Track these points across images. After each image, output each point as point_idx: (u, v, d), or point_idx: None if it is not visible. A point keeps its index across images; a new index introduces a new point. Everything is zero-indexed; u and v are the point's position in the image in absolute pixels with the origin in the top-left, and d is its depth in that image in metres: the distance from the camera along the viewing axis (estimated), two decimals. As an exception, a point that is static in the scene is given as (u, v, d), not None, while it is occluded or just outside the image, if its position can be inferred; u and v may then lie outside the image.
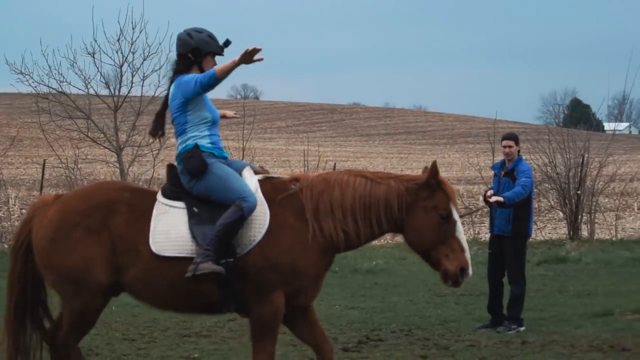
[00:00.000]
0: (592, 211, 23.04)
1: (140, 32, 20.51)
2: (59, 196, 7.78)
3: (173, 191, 7.55)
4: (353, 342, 10.75)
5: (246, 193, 7.31)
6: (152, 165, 21.14)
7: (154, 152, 20.49)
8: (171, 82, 7.67)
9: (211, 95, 7.64)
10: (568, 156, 23.04)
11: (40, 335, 7.65)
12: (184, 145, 7.55)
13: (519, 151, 12.04)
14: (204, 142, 7.52)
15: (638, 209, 32.15)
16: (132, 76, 20.78)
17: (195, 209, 7.42)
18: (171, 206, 7.49)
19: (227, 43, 7.67)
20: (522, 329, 11.65)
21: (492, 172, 12.47)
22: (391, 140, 79.57)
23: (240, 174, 7.51)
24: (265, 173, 7.74)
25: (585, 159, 23.09)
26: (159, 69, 20.50)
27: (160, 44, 20.31)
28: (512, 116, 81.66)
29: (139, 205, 7.49)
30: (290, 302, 7.36)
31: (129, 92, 21.14)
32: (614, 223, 24.61)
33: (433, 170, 7.36)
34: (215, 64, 7.60)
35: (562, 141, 23.26)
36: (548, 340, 10.84)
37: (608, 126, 47.13)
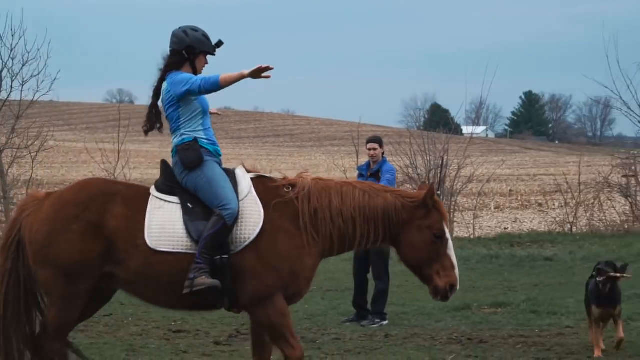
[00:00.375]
0: (451, 210, 23.66)
1: (19, 39, 20.76)
2: (50, 193, 7.74)
3: (167, 185, 7.59)
4: (224, 335, 11.00)
5: (227, 200, 7.38)
6: (30, 166, 21.54)
7: (32, 154, 21.05)
8: (163, 75, 7.71)
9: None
10: (428, 158, 23.61)
11: (29, 337, 7.49)
12: (180, 138, 7.62)
13: (383, 153, 12.50)
14: (201, 137, 7.62)
15: (495, 209, 33.30)
16: (12, 81, 20.97)
17: (189, 205, 7.48)
18: (166, 201, 7.53)
19: (220, 44, 7.79)
20: (386, 322, 12.05)
21: (357, 173, 12.85)
22: (260, 143, 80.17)
23: (234, 173, 7.62)
24: (256, 172, 7.79)
25: (444, 161, 23.62)
26: (38, 74, 20.81)
27: (39, 50, 20.61)
28: (376, 120, 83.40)
29: (133, 198, 7.51)
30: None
31: (8, 97, 21.31)
32: (471, 222, 25.41)
33: (430, 191, 7.57)
34: (207, 63, 7.77)
35: (422, 144, 23.80)
36: (410, 334, 11.24)
37: (466, 130, 48.37)
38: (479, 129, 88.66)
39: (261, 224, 7.39)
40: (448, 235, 7.63)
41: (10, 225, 7.73)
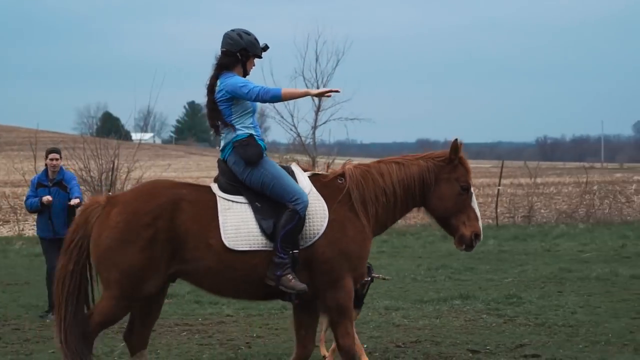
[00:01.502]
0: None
1: None
2: (111, 197, 7.80)
3: (231, 185, 7.75)
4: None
5: (298, 194, 7.64)
6: None
7: None
8: (217, 74, 7.88)
9: None
10: (101, 162, 24.44)
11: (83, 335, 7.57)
12: (235, 134, 7.78)
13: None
14: (254, 133, 7.81)
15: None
16: None
17: (257, 204, 7.67)
18: (233, 201, 7.71)
19: (266, 48, 7.99)
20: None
21: (36, 183, 12.97)
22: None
23: (292, 171, 7.87)
24: (311, 170, 8.13)
25: (115, 164, 24.51)
26: None
27: None
28: (52, 127, 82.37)
29: (199, 200, 7.63)
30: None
31: None
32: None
33: (454, 148, 8.08)
34: (254, 65, 7.98)
35: (95, 149, 24.56)
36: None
37: (135, 136, 49.21)
38: (147, 136, 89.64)
39: (327, 218, 7.68)
40: (472, 189, 8.18)
41: (74, 228, 7.75)
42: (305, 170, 8.05)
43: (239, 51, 7.89)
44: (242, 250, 7.53)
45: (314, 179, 7.94)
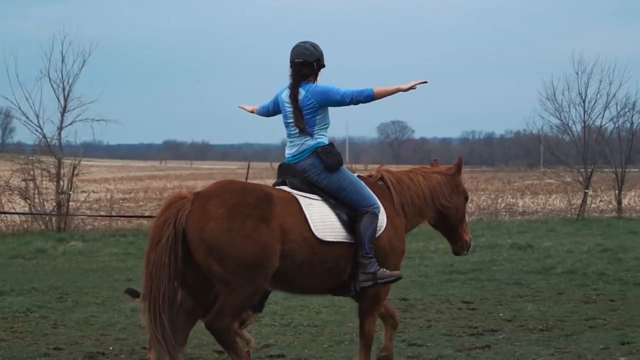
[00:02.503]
0: None
1: None
2: (199, 192, 7.77)
3: (306, 185, 8.15)
4: None
5: (374, 199, 8.16)
6: None
7: None
8: (297, 84, 8.21)
9: None
10: None
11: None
12: (317, 141, 8.21)
13: None
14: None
15: None
16: None
17: (332, 201, 8.11)
18: (312, 198, 8.08)
19: None
20: None
21: None
22: None
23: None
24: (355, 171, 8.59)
25: None
26: None
27: None
28: None
29: (284, 197, 7.91)
30: None
31: None
32: None
33: (459, 164, 9.01)
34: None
35: None
36: None
37: None
38: None
39: (385, 215, 8.23)
40: None
41: (161, 223, 7.58)
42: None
43: (315, 61, 8.32)
44: (331, 241, 7.93)
45: (363, 179, 8.48)
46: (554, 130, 34.98)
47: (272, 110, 8.73)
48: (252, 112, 9.08)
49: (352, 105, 8.24)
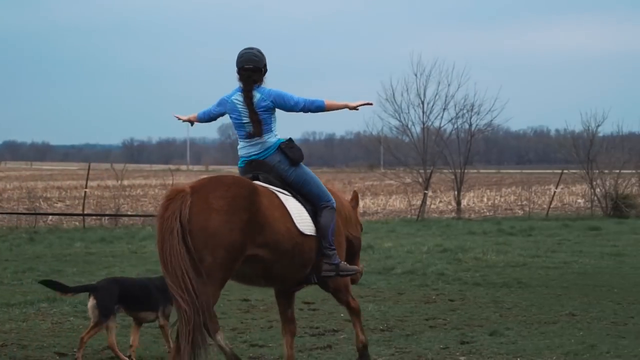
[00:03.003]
0: None
1: None
2: (194, 185, 7.98)
3: (278, 181, 8.56)
4: None
5: (330, 196, 8.75)
6: None
7: None
8: (250, 88, 8.58)
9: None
10: None
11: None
12: (277, 138, 8.70)
13: None
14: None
15: None
16: None
17: (299, 197, 8.54)
18: (286, 194, 8.47)
19: None
20: None
21: None
22: None
23: None
24: None
25: None
26: None
27: None
28: None
29: (266, 191, 8.29)
30: None
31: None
32: None
33: (357, 197, 9.80)
34: None
35: None
36: None
37: None
38: None
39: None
40: None
41: (169, 215, 7.75)
42: None
43: (263, 67, 8.73)
44: (308, 234, 8.40)
45: None
46: (393, 132, 35.61)
47: (214, 114, 9.05)
48: (188, 120, 9.45)
49: (301, 113, 8.71)
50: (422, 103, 33.50)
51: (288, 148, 8.68)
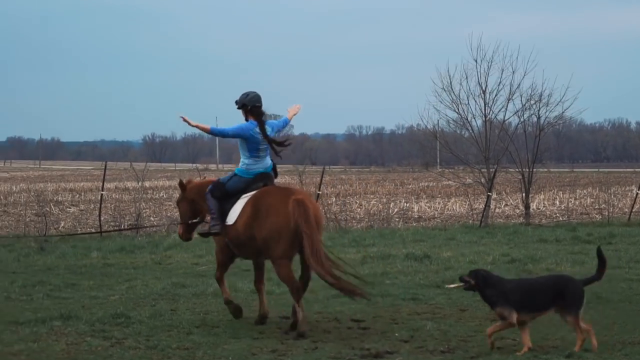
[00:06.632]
0: None
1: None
2: (298, 190, 13.72)
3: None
4: None
5: None
6: None
7: None
8: (262, 121, 13.40)
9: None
10: None
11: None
12: (270, 160, 13.68)
13: None
14: None
15: None
16: None
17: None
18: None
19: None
20: None
21: None
22: None
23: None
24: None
25: None
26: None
27: None
28: None
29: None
30: None
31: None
32: None
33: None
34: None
35: None
36: None
37: None
38: None
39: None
40: None
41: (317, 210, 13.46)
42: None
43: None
44: None
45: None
46: (451, 125, 35.33)
47: (229, 136, 13.53)
48: (197, 126, 13.44)
49: None
50: (484, 93, 33.18)
51: (274, 168, 13.77)
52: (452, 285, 14.52)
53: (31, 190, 45.48)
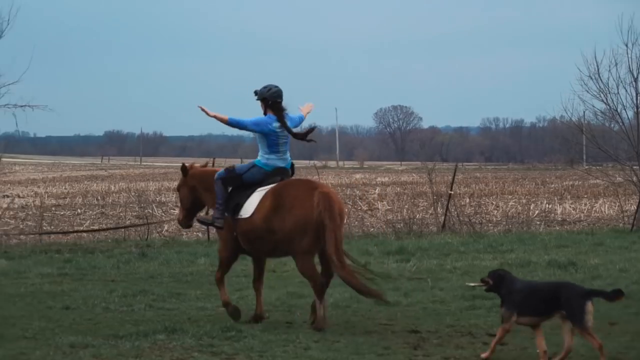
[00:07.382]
0: None
1: None
2: (321, 183, 15.07)
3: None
4: None
5: None
6: None
7: None
8: (283, 116, 14.42)
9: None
10: None
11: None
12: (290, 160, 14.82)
13: None
14: None
15: None
16: None
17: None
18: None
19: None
20: None
21: None
22: None
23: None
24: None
25: None
26: None
27: None
28: None
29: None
30: None
31: None
32: None
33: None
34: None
35: None
36: None
37: None
38: None
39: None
40: None
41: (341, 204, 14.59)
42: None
43: None
44: None
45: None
46: (599, 118, 34.86)
47: (247, 128, 14.51)
48: (215, 117, 14.34)
49: None
50: (636, 81, 32.68)
51: (292, 165, 14.80)
52: (472, 284, 14.74)
53: (131, 189, 46.12)
